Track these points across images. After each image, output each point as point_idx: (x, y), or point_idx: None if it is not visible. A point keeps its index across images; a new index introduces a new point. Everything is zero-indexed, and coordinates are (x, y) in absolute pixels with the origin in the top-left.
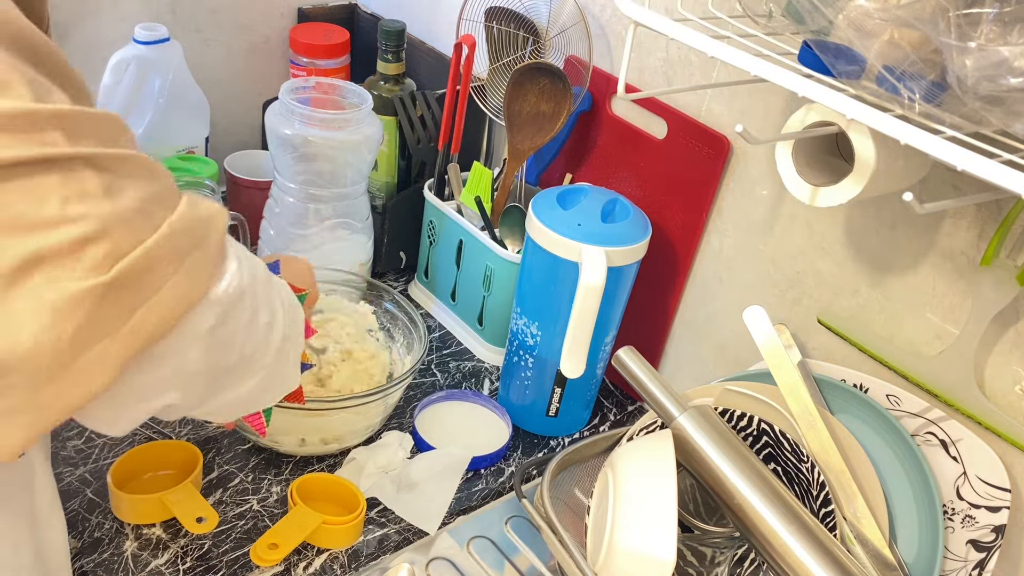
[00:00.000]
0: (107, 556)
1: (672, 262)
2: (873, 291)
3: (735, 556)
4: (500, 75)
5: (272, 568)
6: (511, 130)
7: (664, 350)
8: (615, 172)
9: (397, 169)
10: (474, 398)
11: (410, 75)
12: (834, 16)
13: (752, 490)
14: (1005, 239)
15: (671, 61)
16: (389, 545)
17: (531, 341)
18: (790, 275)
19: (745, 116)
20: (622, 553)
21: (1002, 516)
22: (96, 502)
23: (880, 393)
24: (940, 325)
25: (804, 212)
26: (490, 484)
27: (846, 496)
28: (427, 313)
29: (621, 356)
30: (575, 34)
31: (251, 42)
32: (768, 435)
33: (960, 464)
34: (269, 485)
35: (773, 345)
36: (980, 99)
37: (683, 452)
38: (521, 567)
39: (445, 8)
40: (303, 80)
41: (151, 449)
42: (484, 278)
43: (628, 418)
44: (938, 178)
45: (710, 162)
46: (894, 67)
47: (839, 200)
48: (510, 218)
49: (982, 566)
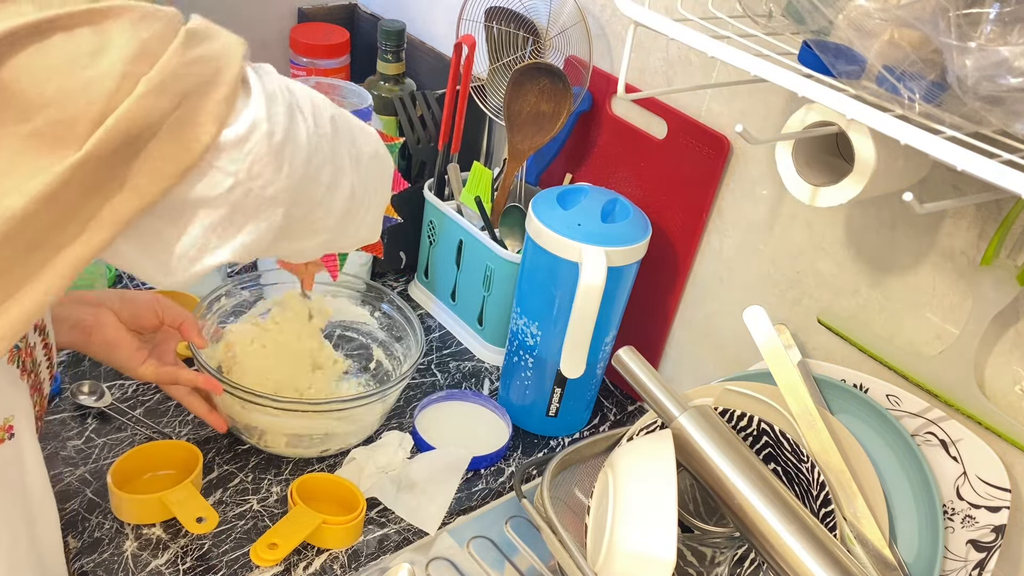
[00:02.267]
0: (107, 556)
1: (672, 262)
2: (873, 291)
3: (735, 556)
4: (500, 75)
5: (272, 568)
6: (511, 130)
7: (664, 350)
8: (615, 172)
9: (397, 169)
10: (474, 398)
11: (410, 75)
12: (834, 16)
13: (752, 490)
14: (1005, 239)
15: (671, 61)
16: (389, 545)
17: (531, 341)
18: (790, 275)
19: (745, 116)
20: (622, 553)
21: (1002, 516)
22: (96, 502)
23: (880, 393)
24: (940, 325)
25: (804, 212)
26: (490, 484)
27: (846, 496)
28: (427, 313)
29: (621, 356)
30: (575, 34)
31: (251, 42)
32: (768, 435)
33: (960, 464)
34: (269, 485)
35: (773, 345)
36: (980, 99)
37: (683, 452)
38: (521, 567)
39: (445, 8)
40: (303, 80)
41: (151, 449)
42: (484, 278)
43: (628, 418)
44: (938, 178)
45: (710, 162)
46: (894, 67)
47: (839, 200)
48: (510, 218)
49: (982, 566)
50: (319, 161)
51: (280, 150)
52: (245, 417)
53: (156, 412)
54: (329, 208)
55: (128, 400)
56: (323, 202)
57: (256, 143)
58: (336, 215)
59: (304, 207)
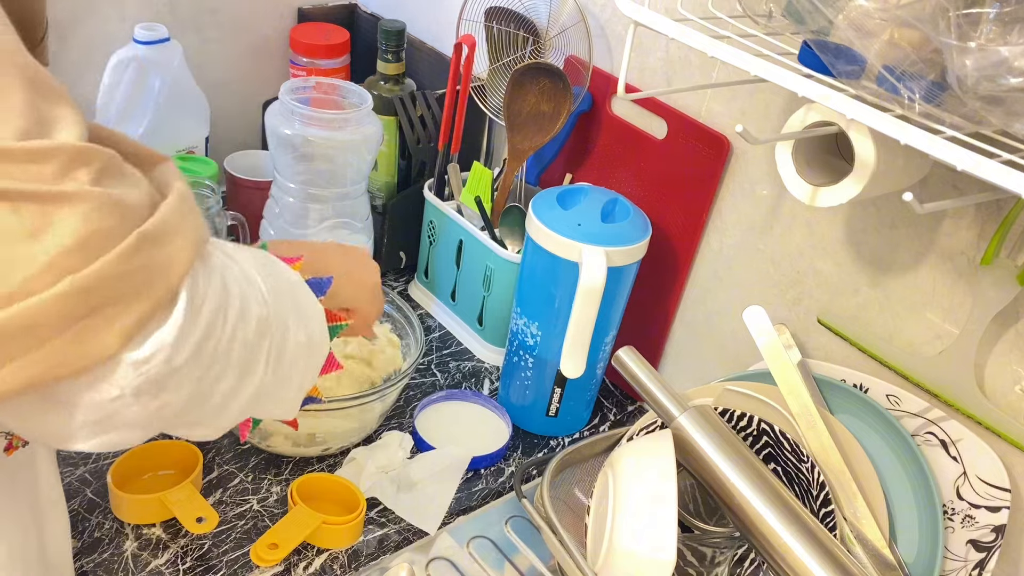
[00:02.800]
0: (107, 556)
1: (672, 262)
2: (873, 291)
3: (735, 556)
4: (500, 75)
5: (272, 568)
6: (511, 130)
7: (664, 350)
8: (615, 172)
9: (397, 169)
10: (474, 398)
11: (410, 75)
12: (834, 16)
13: (752, 490)
14: (1005, 239)
15: (671, 61)
16: (389, 545)
17: (531, 341)
18: (790, 275)
19: (745, 116)
20: (622, 553)
21: (1002, 516)
22: (96, 502)
23: (880, 393)
24: (940, 325)
25: (804, 212)
26: (490, 484)
27: (846, 496)
28: (427, 313)
29: (621, 356)
30: (575, 34)
31: (251, 42)
32: (768, 435)
33: (960, 464)
34: (269, 485)
35: (773, 345)
36: (980, 99)
37: (683, 452)
38: (521, 567)
39: (445, 8)
40: (303, 80)
41: (151, 449)
42: (484, 278)
43: (628, 418)
44: (938, 178)
45: (710, 162)
46: (894, 67)
47: (839, 200)
48: (510, 218)
49: (982, 566)
50: (218, 371)
51: (175, 372)
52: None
53: None
54: (222, 409)
55: None
56: (216, 406)
57: (153, 366)
58: (230, 416)
59: (191, 415)
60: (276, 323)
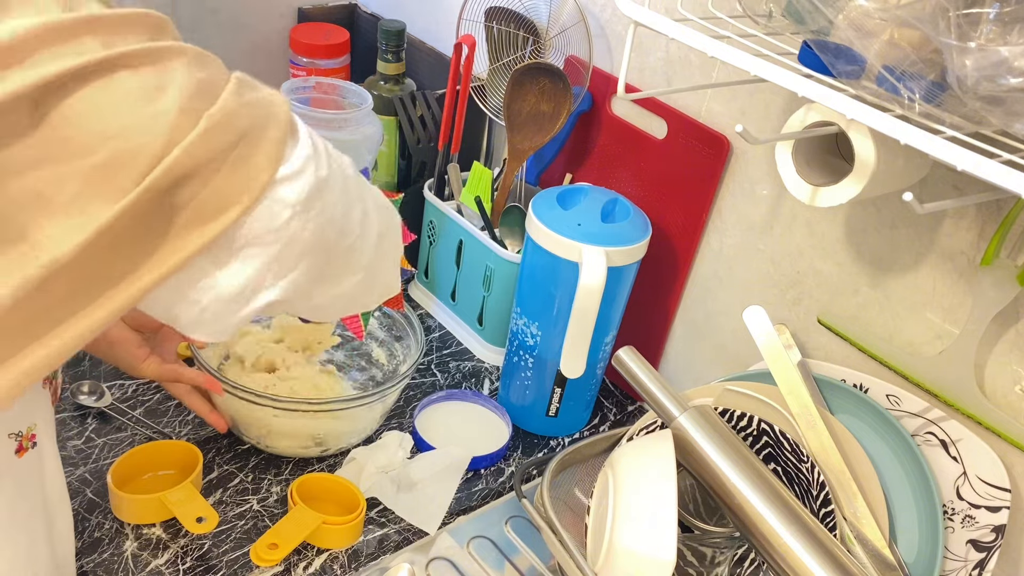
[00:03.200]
0: (107, 556)
1: (672, 262)
2: (873, 291)
3: (735, 556)
4: (500, 75)
5: (272, 568)
6: (511, 130)
7: (664, 350)
8: (615, 172)
9: (397, 169)
10: (474, 398)
11: (410, 75)
12: (834, 16)
13: (752, 490)
14: (1005, 239)
15: (671, 61)
16: (389, 545)
17: (531, 341)
18: (790, 275)
19: (745, 116)
20: (622, 553)
21: (1002, 516)
22: (96, 502)
23: (880, 393)
24: (940, 325)
25: (804, 212)
26: (490, 484)
27: (846, 496)
28: (427, 313)
29: (621, 356)
30: (575, 34)
31: (251, 42)
32: (768, 435)
33: (960, 464)
34: (269, 485)
35: (773, 345)
36: (980, 99)
37: (683, 452)
38: (521, 567)
39: (445, 8)
40: (303, 80)
41: (151, 449)
42: (484, 278)
43: (628, 418)
44: (938, 178)
45: (710, 162)
46: (894, 67)
47: (839, 200)
48: (510, 218)
49: (982, 566)
50: (352, 198)
51: (327, 182)
52: (245, 417)
53: (156, 412)
54: (364, 242)
55: (128, 400)
56: (360, 235)
57: (310, 175)
58: (368, 253)
59: (348, 239)
60: (361, 178)
